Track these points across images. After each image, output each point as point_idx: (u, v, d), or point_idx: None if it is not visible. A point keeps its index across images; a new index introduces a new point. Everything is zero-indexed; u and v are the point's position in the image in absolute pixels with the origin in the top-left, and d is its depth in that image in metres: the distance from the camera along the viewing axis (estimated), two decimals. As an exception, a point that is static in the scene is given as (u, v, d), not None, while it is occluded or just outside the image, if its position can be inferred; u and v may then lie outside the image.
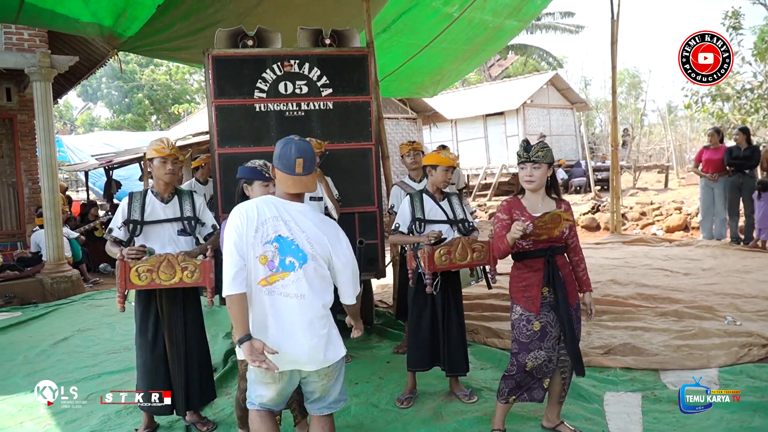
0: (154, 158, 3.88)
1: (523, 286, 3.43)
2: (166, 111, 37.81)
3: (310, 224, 2.77)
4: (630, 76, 39.53)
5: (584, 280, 3.58)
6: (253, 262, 2.70)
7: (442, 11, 7.88)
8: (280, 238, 2.71)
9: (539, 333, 3.40)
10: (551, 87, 24.55)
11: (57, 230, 9.15)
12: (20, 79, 10.72)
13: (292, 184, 2.77)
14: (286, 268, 2.70)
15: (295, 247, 2.71)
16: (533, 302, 3.39)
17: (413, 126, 18.51)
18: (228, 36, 5.39)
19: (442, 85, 10.97)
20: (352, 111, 5.51)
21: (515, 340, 3.47)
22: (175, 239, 3.93)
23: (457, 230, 4.36)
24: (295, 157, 2.73)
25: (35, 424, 4.26)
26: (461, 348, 4.35)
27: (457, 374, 4.36)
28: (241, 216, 2.73)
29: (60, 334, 6.81)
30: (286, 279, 2.70)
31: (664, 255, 9.22)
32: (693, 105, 15.63)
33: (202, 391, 4.03)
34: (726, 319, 5.65)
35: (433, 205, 4.38)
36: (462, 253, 4.15)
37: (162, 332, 3.91)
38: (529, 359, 3.41)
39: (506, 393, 3.50)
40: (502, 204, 3.50)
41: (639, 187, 17.93)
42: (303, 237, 2.73)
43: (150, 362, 3.91)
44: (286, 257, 2.70)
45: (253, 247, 2.69)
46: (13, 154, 11.15)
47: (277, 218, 2.73)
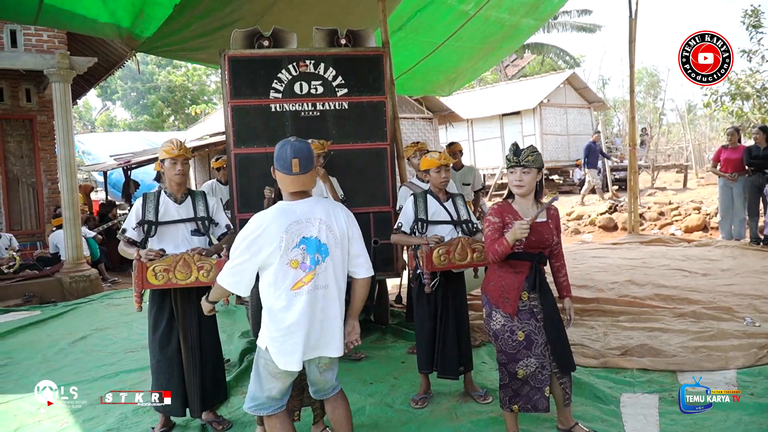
0: (165, 159, 3.92)
1: (501, 286, 3.40)
2: (183, 112, 38.06)
3: (321, 210, 2.96)
4: (648, 75, 39.18)
5: (565, 285, 3.58)
6: (284, 269, 2.85)
7: (457, 9, 7.85)
8: (305, 239, 2.88)
9: (524, 342, 3.36)
10: (568, 86, 24.35)
11: (76, 230, 9.24)
12: (39, 80, 10.85)
13: (291, 183, 2.94)
14: (316, 263, 2.89)
15: (318, 242, 2.89)
16: (510, 303, 3.36)
17: (429, 126, 18.50)
18: (244, 36, 5.41)
19: (457, 83, 10.93)
20: (367, 111, 5.51)
21: (501, 351, 3.43)
22: (189, 239, 3.97)
23: (461, 231, 4.34)
24: (291, 157, 2.89)
25: (53, 422, 4.30)
26: (455, 350, 4.27)
27: (446, 377, 4.28)
28: (264, 229, 2.84)
29: (78, 333, 6.88)
30: (317, 273, 2.89)
31: (682, 255, 9.13)
32: (712, 104, 15.44)
33: (216, 391, 4.06)
34: (745, 320, 5.59)
35: (437, 205, 4.37)
36: (462, 253, 4.14)
37: (176, 332, 3.94)
38: (519, 368, 3.38)
39: (507, 401, 3.48)
40: (493, 207, 3.47)
41: (657, 186, 17.74)
42: (322, 228, 2.91)
43: (163, 362, 3.93)
44: (314, 254, 2.88)
45: (281, 256, 2.83)
46: (32, 155, 11.28)
47: (297, 222, 2.88)
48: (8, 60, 9.59)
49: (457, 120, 20.80)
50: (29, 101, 11.21)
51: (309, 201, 2.97)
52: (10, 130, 11.14)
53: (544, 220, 3.42)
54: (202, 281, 3.72)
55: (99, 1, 5.94)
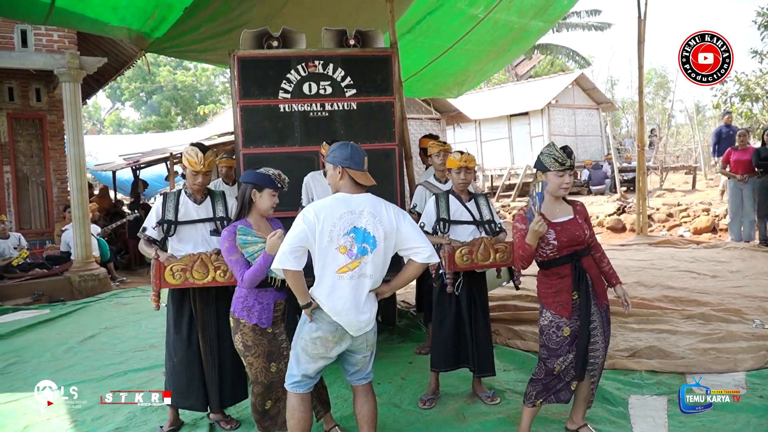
0: (187, 168, 3.95)
1: (553, 292, 3.42)
2: (192, 112, 38.17)
3: (372, 205, 3.16)
4: (657, 76, 39.00)
5: (611, 273, 3.56)
6: (333, 253, 3.07)
7: (467, 13, 7.84)
8: (355, 228, 3.09)
9: (569, 338, 3.38)
10: (576, 87, 24.29)
11: (85, 229, 9.28)
12: (50, 80, 10.92)
13: (365, 179, 3.20)
14: (362, 253, 3.09)
15: (367, 234, 3.10)
16: (565, 307, 3.38)
17: (437, 126, 18.50)
18: (253, 37, 5.42)
19: (466, 86, 10.91)
20: (375, 111, 5.51)
21: (544, 345, 3.45)
22: (208, 239, 4.00)
23: (483, 231, 4.35)
24: (363, 155, 3.21)
25: (62, 421, 4.33)
26: (489, 349, 4.35)
27: (486, 375, 4.34)
28: (318, 214, 3.08)
29: (87, 331, 6.91)
30: (363, 262, 3.10)
31: (691, 257, 9.10)
32: (722, 105, 15.38)
33: (234, 390, 4.08)
34: (754, 323, 5.57)
35: (458, 205, 4.38)
36: (484, 253, 4.15)
37: (196, 331, 3.97)
38: (557, 364, 3.40)
39: (533, 396, 3.48)
40: (519, 213, 3.48)
41: (666, 188, 17.67)
42: (373, 222, 3.11)
43: (185, 361, 3.97)
44: (361, 244, 3.09)
45: (331, 241, 3.06)
46: (42, 154, 11.35)
47: (352, 212, 3.11)
48: (19, 60, 9.66)
49: (465, 120, 20.76)
50: (39, 101, 11.28)
51: (364, 195, 3.19)
52: (20, 130, 11.21)
53: (571, 218, 3.42)
54: (219, 281, 3.76)
55: (109, 8, 5.97)
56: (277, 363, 3.53)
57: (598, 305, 3.43)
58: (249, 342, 3.47)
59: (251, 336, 3.47)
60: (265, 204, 3.54)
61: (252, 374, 3.53)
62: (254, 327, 3.47)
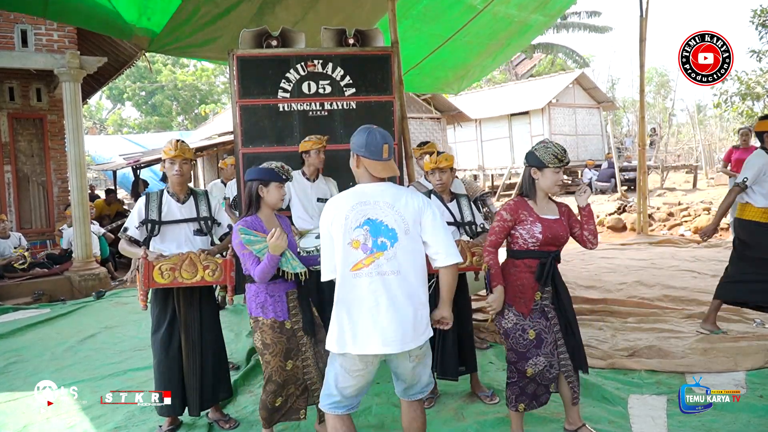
0: (165, 159, 3.94)
1: (518, 286, 3.40)
2: (192, 111, 38.20)
3: (390, 194, 2.85)
4: (658, 75, 39.04)
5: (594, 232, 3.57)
6: (345, 249, 2.78)
7: (466, 2, 7.79)
8: (369, 220, 2.79)
9: (535, 341, 3.37)
10: (577, 86, 24.29)
11: (85, 228, 9.28)
12: (50, 80, 10.92)
13: (382, 169, 2.86)
14: (380, 248, 2.77)
15: (385, 227, 2.79)
16: (526, 304, 3.38)
17: (437, 125, 18.50)
18: (252, 36, 5.42)
19: (466, 81, 10.87)
20: (375, 110, 5.51)
21: (511, 349, 3.43)
22: (191, 239, 3.97)
23: (464, 233, 4.29)
24: (382, 143, 2.85)
25: (61, 420, 4.32)
26: (455, 351, 4.20)
27: (446, 378, 4.23)
28: (330, 209, 2.86)
29: (87, 330, 6.91)
30: (381, 258, 2.77)
31: (691, 256, 9.09)
32: (722, 104, 15.38)
33: (216, 389, 4.03)
34: (754, 322, 5.56)
35: (439, 205, 4.32)
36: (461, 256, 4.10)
37: (177, 331, 3.93)
38: (528, 366, 3.38)
39: (513, 400, 3.47)
40: (509, 203, 3.47)
41: (667, 187, 17.67)
42: (391, 213, 2.80)
43: (165, 361, 3.93)
44: (377, 238, 2.78)
45: (344, 235, 2.78)
46: (42, 154, 11.35)
47: (364, 203, 2.82)
48: (19, 59, 9.65)
49: (466, 120, 20.76)
50: (40, 100, 11.28)
51: (381, 184, 2.88)
52: (21, 129, 11.21)
53: (557, 218, 3.42)
54: (208, 280, 3.73)
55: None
56: (294, 360, 3.51)
57: (570, 299, 3.47)
58: (268, 340, 3.45)
59: (270, 334, 3.44)
60: (274, 197, 3.51)
61: (267, 372, 3.51)
62: (272, 323, 3.44)
